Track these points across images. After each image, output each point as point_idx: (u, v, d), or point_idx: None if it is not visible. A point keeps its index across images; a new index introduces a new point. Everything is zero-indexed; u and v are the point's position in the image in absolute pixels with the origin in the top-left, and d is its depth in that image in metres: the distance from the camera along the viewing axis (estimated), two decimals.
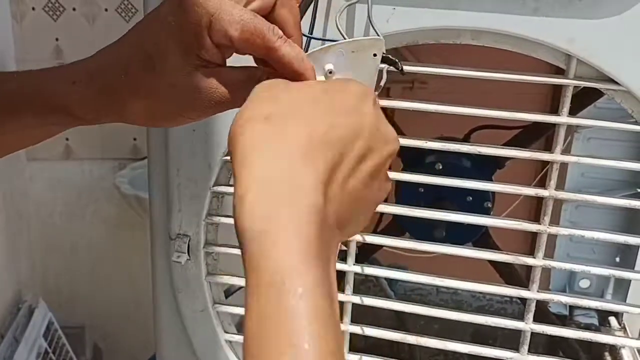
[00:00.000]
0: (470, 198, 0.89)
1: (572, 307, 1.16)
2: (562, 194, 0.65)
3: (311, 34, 0.51)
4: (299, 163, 0.35)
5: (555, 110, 0.65)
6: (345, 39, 0.47)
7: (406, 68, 0.66)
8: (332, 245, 0.36)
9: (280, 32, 0.44)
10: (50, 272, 2.23)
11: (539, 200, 1.13)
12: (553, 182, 0.65)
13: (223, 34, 0.43)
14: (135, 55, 0.46)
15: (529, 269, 0.77)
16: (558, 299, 0.69)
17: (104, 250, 2.21)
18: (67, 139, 2.17)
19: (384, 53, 0.47)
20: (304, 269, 0.33)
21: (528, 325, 0.69)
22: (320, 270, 0.33)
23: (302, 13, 0.49)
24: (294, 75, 0.44)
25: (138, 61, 0.46)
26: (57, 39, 2.09)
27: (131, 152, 2.18)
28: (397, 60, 0.49)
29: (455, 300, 1.21)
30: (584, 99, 0.74)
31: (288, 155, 0.36)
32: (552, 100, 1.13)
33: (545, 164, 1.10)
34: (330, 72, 0.45)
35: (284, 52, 0.44)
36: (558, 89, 1.06)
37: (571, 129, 1.03)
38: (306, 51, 0.47)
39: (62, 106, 0.49)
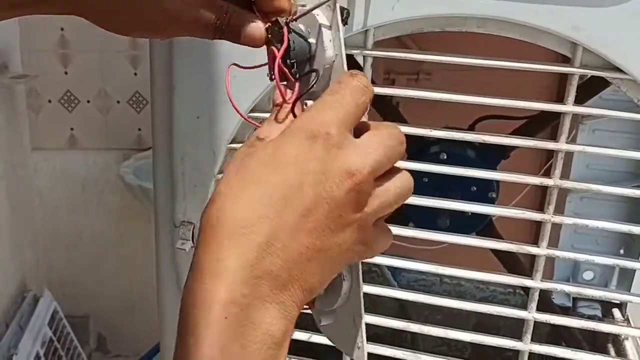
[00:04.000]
0: (475, 188, 0.89)
1: (575, 299, 1.16)
2: (567, 183, 0.65)
3: None
4: (222, 252, 0.36)
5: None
6: None
7: (412, 56, 0.66)
8: (264, 322, 0.36)
9: None
10: (54, 262, 2.24)
11: (543, 194, 1.13)
12: (558, 171, 0.65)
13: None
14: None
15: (532, 261, 0.77)
16: (562, 288, 0.69)
17: (108, 240, 2.22)
18: (71, 129, 2.18)
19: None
20: None
21: (531, 314, 0.69)
22: None
23: None
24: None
25: None
26: (62, 29, 2.09)
27: (136, 143, 2.19)
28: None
29: (458, 291, 1.21)
30: (589, 90, 0.74)
31: (215, 244, 0.37)
32: (557, 94, 1.13)
33: (549, 157, 1.10)
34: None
35: None
36: (562, 83, 1.06)
37: (576, 121, 1.03)
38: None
39: None
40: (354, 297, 0.44)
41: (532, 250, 0.68)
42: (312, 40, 0.44)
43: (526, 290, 0.73)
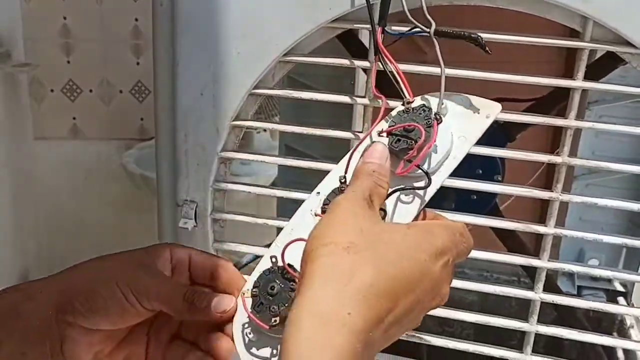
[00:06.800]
0: (480, 171, 0.88)
1: (580, 287, 1.16)
2: (575, 160, 0.64)
3: None
4: (352, 307, 0.37)
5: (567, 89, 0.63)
6: None
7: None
8: None
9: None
10: (56, 252, 2.24)
11: (548, 180, 1.12)
12: (567, 149, 0.64)
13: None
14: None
15: (537, 243, 0.76)
16: (569, 268, 0.68)
17: (110, 230, 2.21)
18: (74, 119, 2.17)
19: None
20: None
21: (538, 295, 0.68)
22: None
23: None
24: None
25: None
26: (65, 18, 2.08)
27: (138, 132, 2.18)
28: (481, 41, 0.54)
29: (461, 279, 1.21)
30: (598, 70, 0.73)
31: (346, 297, 0.38)
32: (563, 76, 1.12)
33: (554, 144, 1.09)
34: (443, 104, 0.51)
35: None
36: (570, 64, 1.04)
37: (584, 104, 1.02)
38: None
39: None
40: None
41: (540, 229, 0.67)
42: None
43: (531, 276, 0.72)
